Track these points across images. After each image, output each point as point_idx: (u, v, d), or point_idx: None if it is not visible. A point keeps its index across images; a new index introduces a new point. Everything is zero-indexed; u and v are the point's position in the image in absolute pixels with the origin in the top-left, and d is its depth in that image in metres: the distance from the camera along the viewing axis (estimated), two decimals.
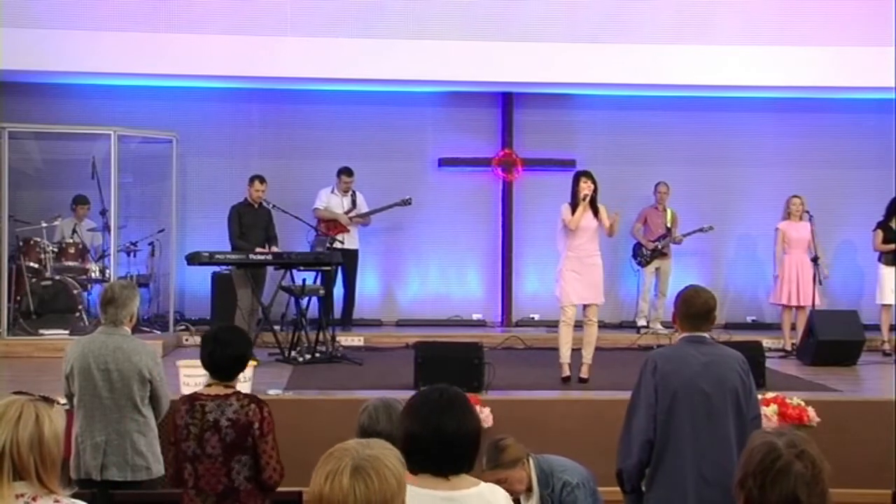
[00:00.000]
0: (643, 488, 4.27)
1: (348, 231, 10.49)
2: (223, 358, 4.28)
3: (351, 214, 10.60)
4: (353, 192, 10.72)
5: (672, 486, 4.13)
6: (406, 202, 10.72)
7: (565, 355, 7.90)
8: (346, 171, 10.64)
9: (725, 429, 4.12)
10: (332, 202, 10.68)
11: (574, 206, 7.77)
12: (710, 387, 4.14)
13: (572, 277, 7.79)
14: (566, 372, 7.92)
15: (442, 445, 2.65)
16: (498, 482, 4.32)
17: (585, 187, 7.74)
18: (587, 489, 4.14)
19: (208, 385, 4.31)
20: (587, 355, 7.90)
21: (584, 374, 7.92)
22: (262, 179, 9.83)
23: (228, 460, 4.16)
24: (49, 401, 2.62)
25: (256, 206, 9.82)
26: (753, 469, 2.38)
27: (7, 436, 2.49)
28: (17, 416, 2.52)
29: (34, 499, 2.50)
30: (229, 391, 4.26)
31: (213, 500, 4.18)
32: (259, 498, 4.23)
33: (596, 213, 7.82)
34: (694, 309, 4.28)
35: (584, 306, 7.88)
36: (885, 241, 10.05)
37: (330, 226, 10.46)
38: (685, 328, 4.31)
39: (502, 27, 10.48)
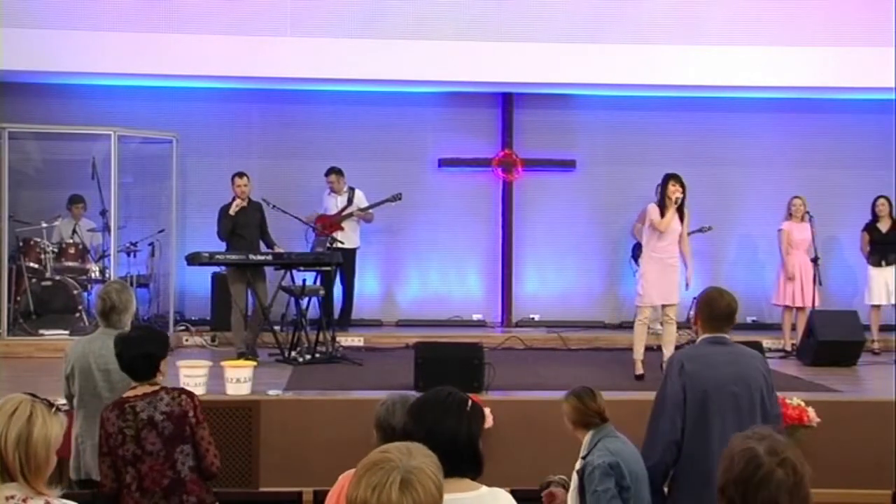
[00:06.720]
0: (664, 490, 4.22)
1: (342, 229, 10.41)
2: (132, 359, 4.31)
3: (345, 213, 10.55)
4: (352, 189, 10.68)
5: (705, 485, 3.93)
6: (396, 198, 10.56)
7: (639, 352, 8.16)
8: (328, 172, 10.63)
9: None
10: (329, 203, 10.68)
11: (662, 207, 8.01)
12: (737, 386, 4.13)
13: (654, 279, 8.10)
14: (640, 370, 8.11)
15: (433, 447, 2.58)
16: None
17: (676, 190, 8.04)
18: (603, 471, 4.02)
19: (132, 388, 4.32)
20: (668, 354, 7.88)
21: None
22: (241, 174, 9.61)
23: (171, 453, 4.21)
24: (51, 405, 2.60)
25: (245, 202, 9.74)
26: (735, 477, 2.36)
27: None
28: (11, 411, 2.52)
29: (24, 500, 2.48)
30: (156, 388, 4.30)
31: (160, 495, 4.21)
32: (202, 486, 4.29)
33: (682, 216, 8.12)
34: (718, 311, 4.32)
35: (664, 306, 8.19)
36: (871, 242, 10.10)
37: (325, 224, 10.45)
38: (707, 329, 4.31)
39: (502, 27, 10.47)
